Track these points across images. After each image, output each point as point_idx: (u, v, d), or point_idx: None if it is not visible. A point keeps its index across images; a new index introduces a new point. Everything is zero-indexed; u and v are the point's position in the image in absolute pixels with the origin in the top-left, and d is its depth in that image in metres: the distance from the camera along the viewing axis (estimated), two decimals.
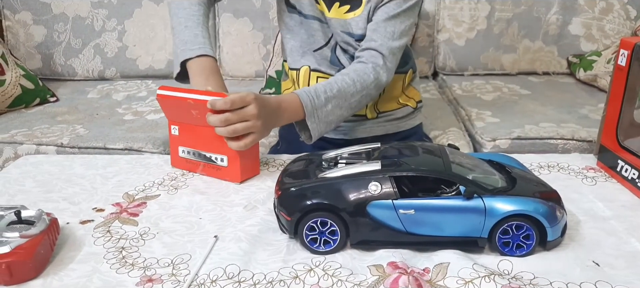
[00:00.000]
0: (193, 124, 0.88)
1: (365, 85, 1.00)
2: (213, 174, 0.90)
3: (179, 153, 0.92)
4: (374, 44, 1.03)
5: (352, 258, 0.66)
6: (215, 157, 0.88)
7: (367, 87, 1.00)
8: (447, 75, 2.10)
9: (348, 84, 0.98)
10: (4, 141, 1.46)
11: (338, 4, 1.08)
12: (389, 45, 1.03)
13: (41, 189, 0.87)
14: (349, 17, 1.07)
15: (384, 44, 1.02)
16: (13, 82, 1.73)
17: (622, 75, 0.85)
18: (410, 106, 1.21)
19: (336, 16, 1.08)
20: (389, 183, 0.65)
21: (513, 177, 0.70)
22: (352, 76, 0.99)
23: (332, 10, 1.08)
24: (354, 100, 0.99)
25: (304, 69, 1.14)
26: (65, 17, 2.05)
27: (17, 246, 0.61)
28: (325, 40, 1.12)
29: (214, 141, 0.86)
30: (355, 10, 1.06)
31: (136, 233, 0.72)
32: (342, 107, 0.97)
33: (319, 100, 0.94)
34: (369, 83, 1.00)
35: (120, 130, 1.52)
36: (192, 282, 0.62)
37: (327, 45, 1.12)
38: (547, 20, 2.05)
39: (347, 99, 0.98)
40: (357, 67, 1.01)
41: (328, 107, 0.95)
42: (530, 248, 0.65)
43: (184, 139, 0.91)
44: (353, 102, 0.99)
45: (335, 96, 0.96)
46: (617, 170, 0.87)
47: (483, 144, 1.45)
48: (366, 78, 1.00)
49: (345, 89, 0.97)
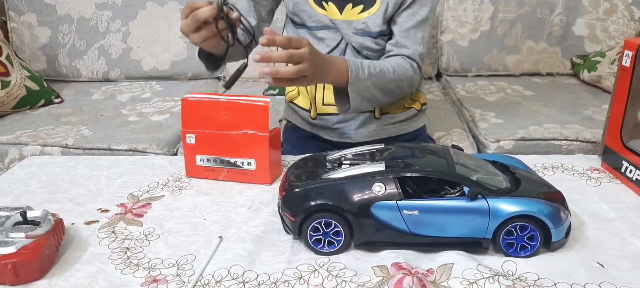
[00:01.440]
0: (217, 129, 0.86)
1: (402, 77, 1.03)
2: (238, 179, 0.88)
3: (196, 162, 0.89)
4: (407, 52, 1.06)
5: (356, 259, 0.66)
6: (241, 162, 0.87)
7: (403, 80, 1.03)
8: (450, 76, 2.10)
9: (388, 69, 1.00)
10: (9, 142, 1.47)
11: (351, 5, 1.08)
12: (420, 51, 1.07)
13: (46, 190, 0.87)
14: (364, 16, 1.07)
15: (415, 51, 1.06)
16: (18, 83, 1.74)
17: (626, 76, 0.85)
18: (415, 108, 1.21)
19: (349, 18, 1.08)
20: (393, 184, 0.65)
21: (517, 178, 0.70)
22: (392, 64, 1.02)
23: (344, 13, 1.09)
24: (390, 86, 1.02)
25: None
26: (69, 18, 2.06)
27: (23, 246, 0.62)
28: (333, 46, 1.12)
29: (239, 146, 0.85)
30: (370, 8, 1.07)
31: (141, 234, 0.72)
32: (378, 87, 0.99)
33: (362, 72, 0.95)
34: (406, 77, 1.04)
35: (124, 131, 1.52)
36: (197, 282, 0.62)
37: (334, 49, 1.12)
38: (551, 21, 2.04)
39: (385, 83, 1.00)
40: (396, 60, 1.04)
41: (368, 82, 0.96)
42: (534, 249, 0.65)
43: (202, 146, 0.88)
44: (388, 88, 1.02)
45: (377, 75, 0.98)
46: (622, 171, 0.86)
47: (487, 145, 1.45)
48: (404, 72, 1.03)
49: (386, 72, 1.00)
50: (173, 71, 2.10)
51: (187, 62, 2.08)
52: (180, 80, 2.12)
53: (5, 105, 1.70)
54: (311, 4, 1.11)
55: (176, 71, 2.10)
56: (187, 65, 2.08)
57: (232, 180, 0.88)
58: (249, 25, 1.02)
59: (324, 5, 1.10)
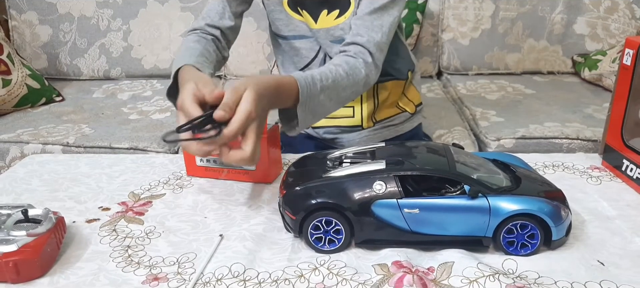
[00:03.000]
0: None
1: (356, 81, 0.91)
2: (239, 178, 0.88)
3: (196, 162, 0.90)
4: (361, 40, 0.94)
5: (356, 257, 0.66)
6: None
7: (357, 83, 0.92)
8: (451, 75, 2.10)
9: (342, 76, 0.88)
10: (10, 140, 1.47)
11: (326, 12, 1.03)
12: (376, 40, 0.95)
13: (47, 188, 0.87)
14: (341, 21, 1.02)
15: (370, 40, 0.94)
16: (19, 81, 1.74)
17: (627, 74, 0.85)
18: (409, 112, 1.19)
19: (325, 26, 1.03)
20: (393, 183, 0.65)
21: (518, 176, 0.70)
22: (345, 68, 0.90)
23: (319, 21, 1.03)
24: (344, 94, 0.90)
25: None
26: (70, 17, 2.06)
27: (24, 244, 0.62)
28: (312, 56, 1.08)
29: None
30: (345, 13, 1.02)
31: (142, 232, 0.73)
32: (332, 99, 0.87)
33: (314, 87, 0.82)
34: (360, 80, 0.92)
35: (125, 130, 1.52)
36: (198, 280, 0.62)
37: (313, 61, 1.09)
38: (552, 20, 2.04)
39: (339, 92, 0.88)
40: (348, 60, 0.92)
41: (321, 96, 0.84)
42: (534, 248, 0.65)
43: None
44: (343, 96, 0.90)
45: (329, 87, 0.85)
46: (622, 170, 0.86)
47: (487, 144, 1.45)
48: (358, 74, 0.91)
49: (339, 81, 0.87)
50: None
51: None
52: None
53: (7, 104, 1.70)
54: (286, 10, 1.06)
55: None
56: None
57: (233, 180, 0.88)
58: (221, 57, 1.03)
59: (300, 11, 1.04)
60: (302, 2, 1.04)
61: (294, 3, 1.05)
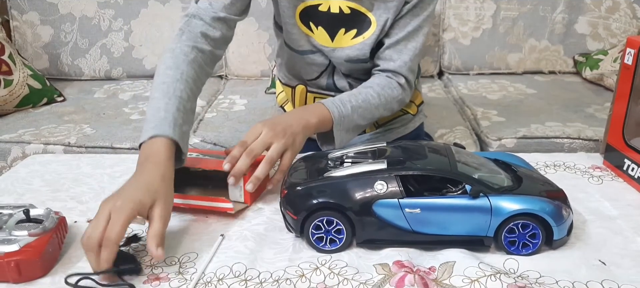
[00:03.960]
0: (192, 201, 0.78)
1: (389, 100, 0.97)
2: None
3: None
4: (393, 65, 0.98)
5: (358, 257, 0.66)
6: None
7: (390, 102, 0.98)
8: (452, 75, 2.10)
9: (372, 96, 0.95)
10: (12, 141, 1.47)
11: (343, 31, 0.99)
12: (409, 65, 0.98)
13: (49, 188, 0.87)
14: (358, 41, 0.99)
15: (403, 65, 0.98)
16: (21, 82, 1.74)
17: (628, 74, 0.85)
18: (410, 114, 1.18)
19: (342, 45, 1.00)
20: (394, 183, 0.65)
21: (519, 176, 0.70)
22: (376, 89, 0.96)
23: (335, 40, 1.00)
24: (377, 112, 0.97)
25: (300, 88, 1.12)
26: (72, 17, 2.06)
27: (26, 244, 0.62)
28: (320, 71, 1.07)
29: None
30: (364, 33, 0.98)
31: (143, 232, 0.73)
32: (365, 117, 0.95)
33: (345, 108, 0.90)
34: (392, 99, 0.98)
35: (127, 130, 1.52)
36: (199, 280, 0.62)
37: (321, 76, 1.08)
38: (553, 19, 2.04)
39: (371, 110, 0.95)
40: (381, 82, 0.97)
41: (353, 115, 0.91)
42: (536, 247, 0.65)
43: None
44: (376, 115, 0.97)
45: (361, 106, 0.93)
46: (624, 169, 0.86)
47: (489, 143, 1.45)
48: (390, 93, 0.97)
49: (370, 99, 0.94)
50: None
51: None
52: None
53: (8, 104, 1.70)
54: (299, 25, 1.01)
55: None
56: None
57: None
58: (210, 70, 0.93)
59: (312, 27, 1.01)
60: (316, 20, 1.00)
61: (306, 19, 1.00)
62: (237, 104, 1.81)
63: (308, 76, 1.09)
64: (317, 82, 1.09)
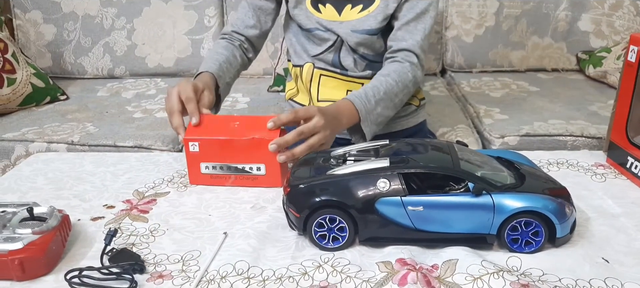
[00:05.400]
0: (223, 136, 0.84)
1: (406, 84, 1.03)
2: (247, 184, 0.86)
3: (201, 169, 0.86)
4: (406, 44, 1.05)
5: (360, 255, 0.66)
6: (250, 167, 0.84)
7: (407, 86, 1.04)
8: (455, 72, 2.09)
9: (391, 85, 1.01)
10: (15, 139, 1.48)
11: (350, 6, 1.08)
12: (421, 44, 1.06)
13: (52, 186, 0.87)
14: (364, 15, 1.07)
15: (415, 44, 1.05)
16: (24, 80, 1.74)
17: (632, 71, 0.84)
18: (414, 105, 1.21)
19: (348, 18, 1.08)
20: (397, 180, 0.65)
21: (522, 173, 0.70)
22: (393, 77, 1.02)
23: (343, 14, 1.09)
24: (397, 99, 1.03)
25: (308, 66, 1.14)
26: (75, 15, 2.07)
27: (30, 242, 0.62)
28: (327, 46, 1.12)
29: (247, 151, 0.83)
30: (369, 7, 1.07)
31: (146, 230, 0.73)
32: (389, 107, 1.01)
33: (369, 103, 0.96)
34: (409, 81, 1.04)
35: (130, 128, 1.53)
36: (202, 278, 0.62)
37: (328, 50, 1.12)
38: (556, 17, 2.03)
39: (392, 99, 1.01)
40: (396, 67, 1.04)
41: (378, 109, 0.98)
42: (539, 245, 0.65)
43: (207, 154, 0.85)
44: (397, 102, 1.03)
45: (383, 98, 0.99)
46: (627, 167, 0.86)
47: (492, 141, 1.45)
48: (405, 77, 1.03)
49: (390, 90, 1.00)
50: (178, 68, 2.10)
51: (192, 59, 2.08)
52: (185, 76, 2.12)
53: (12, 103, 1.70)
54: (308, 6, 1.11)
55: (181, 68, 2.10)
56: (192, 61, 2.08)
57: (242, 186, 0.86)
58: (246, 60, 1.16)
59: (320, 8, 1.10)
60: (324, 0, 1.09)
61: (315, 1, 1.10)
62: (240, 102, 1.82)
63: (314, 51, 1.14)
64: (323, 57, 1.13)
